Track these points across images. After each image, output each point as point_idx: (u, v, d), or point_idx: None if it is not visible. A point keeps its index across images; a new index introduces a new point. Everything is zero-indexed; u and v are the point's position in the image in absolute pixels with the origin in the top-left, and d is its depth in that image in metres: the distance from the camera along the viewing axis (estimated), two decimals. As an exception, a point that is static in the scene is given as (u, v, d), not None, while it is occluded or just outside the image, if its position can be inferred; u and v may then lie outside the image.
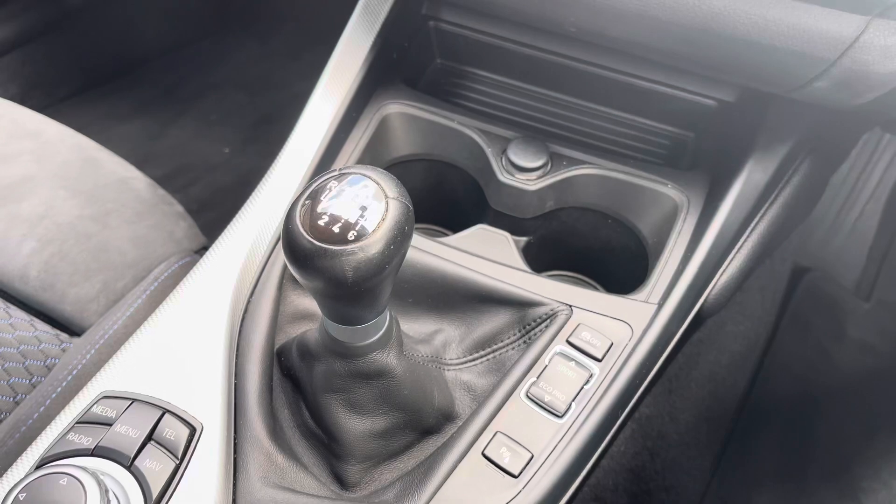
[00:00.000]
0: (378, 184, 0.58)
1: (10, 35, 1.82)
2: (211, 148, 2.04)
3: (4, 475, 0.67)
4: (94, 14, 1.97)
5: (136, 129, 2.02)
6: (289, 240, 0.57)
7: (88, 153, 1.20)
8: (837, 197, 1.79)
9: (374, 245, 0.56)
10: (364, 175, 0.59)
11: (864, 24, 0.71)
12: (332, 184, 0.58)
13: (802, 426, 1.44)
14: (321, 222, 0.56)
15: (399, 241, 0.57)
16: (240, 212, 0.87)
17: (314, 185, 0.59)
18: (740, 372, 1.56)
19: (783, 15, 0.73)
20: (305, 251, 0.56)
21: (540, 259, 1.04)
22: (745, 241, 0.93)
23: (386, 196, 0.57)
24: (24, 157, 1.16)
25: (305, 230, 0.56)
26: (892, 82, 0.76)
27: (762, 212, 0.94)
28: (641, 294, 0.85)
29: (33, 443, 0.68)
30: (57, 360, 0.94)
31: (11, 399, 0.91)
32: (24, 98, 1.88)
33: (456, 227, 0.98)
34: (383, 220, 0.56)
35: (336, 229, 0.56)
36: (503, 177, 0.97)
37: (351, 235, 0.55)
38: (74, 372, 0.91)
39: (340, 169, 0.60)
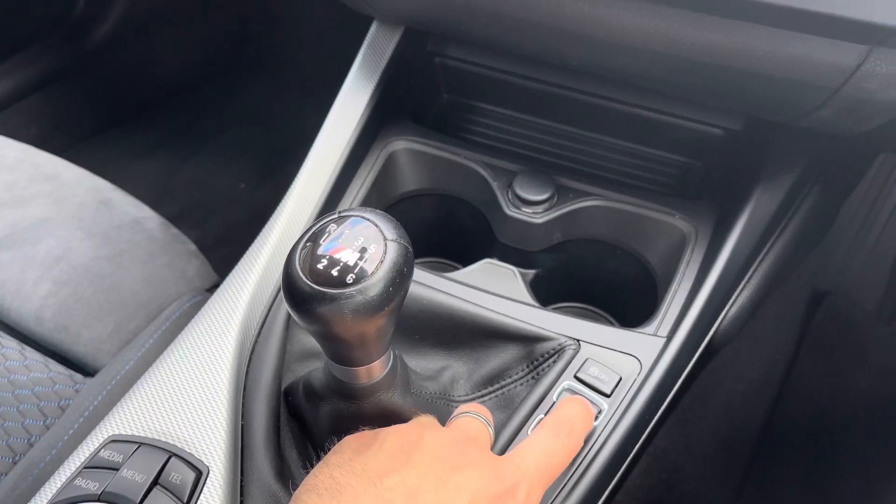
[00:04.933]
0: (377, 226, 0.58)
1: (30, 78, 1.87)
2: (227, 183, 2.06)
3: (14, 521, 0.67)
4: (111, 56, 2.01)
5: (153, 166, 2.06)
6: (288, 284, 0.57)
7: (104, 194, 1.22)
8: (856, 217, 1.76)
9: (372, 287, 0.56)
10: (363, 217, 0.59)
11: (864, 53, 0.71)
12: (332, 227, 0.59)
13: (825, 455, 1.41)
14: (320, 266, 0.56)
15: (398, 282, 0.57)
16: (247, 252, 0.88)
17: (315, 228, 0.59)
18: (758, 399, 1.53)
19: (782, 46, 0.73)
20: (304, 295, 0.56)
21: (549, 292, 1.03)
22: (756, 270, 0.92)
23: (385, 238, 0.58)
24: (42, 199, 1.18)
25: (305, 274, 0.57)
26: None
27: (772, 240, 0.93)
28: (650, 327, 0.84)
29: (42, 487, 0.68)
30: (70, 402, 0.95)
31: (26, 441, 0.91)
32: (45, 139, 1.93)
33: (464, 260, 0.98)
34: (381, 262, 0.56)
35: (335, 272, 0.56)
36: (509, 210, 0.97)
37: (349, 278, 0.56)
38: (86, 414, 0.92)
39: (340, 212, 0.60)
